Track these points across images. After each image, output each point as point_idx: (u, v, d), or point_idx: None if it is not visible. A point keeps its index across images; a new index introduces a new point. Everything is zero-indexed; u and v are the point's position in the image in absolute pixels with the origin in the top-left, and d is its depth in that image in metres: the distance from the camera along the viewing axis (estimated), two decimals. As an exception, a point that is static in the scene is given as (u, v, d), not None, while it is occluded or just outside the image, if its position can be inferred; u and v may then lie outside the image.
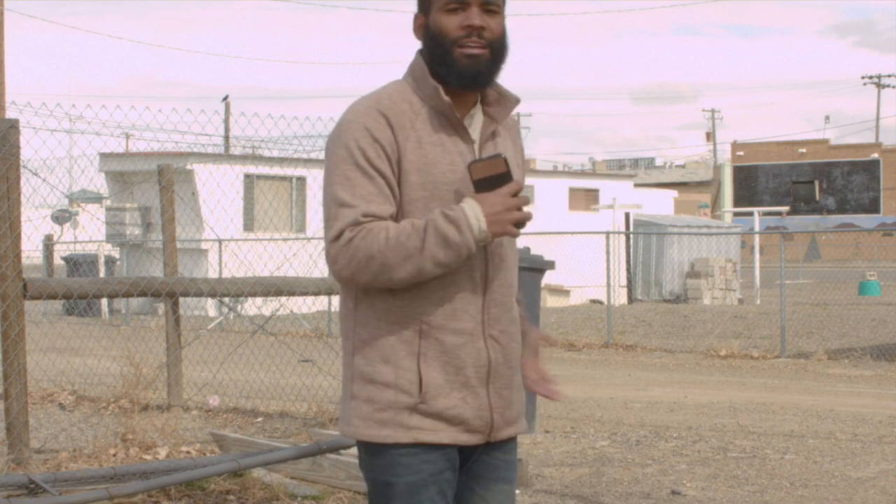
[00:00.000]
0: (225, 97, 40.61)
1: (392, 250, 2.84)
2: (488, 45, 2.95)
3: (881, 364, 15.06)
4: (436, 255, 2.84)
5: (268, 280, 9.20)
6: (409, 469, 2.94)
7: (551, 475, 7.75)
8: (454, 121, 2.98)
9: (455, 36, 2.93)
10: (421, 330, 2.93)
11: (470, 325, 2.95)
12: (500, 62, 2.98)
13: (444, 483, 2.98)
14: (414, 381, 2.92)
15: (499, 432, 3.02)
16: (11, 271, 7.27)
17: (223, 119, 34.45)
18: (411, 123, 2.96)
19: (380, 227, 2.87)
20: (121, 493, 6.00)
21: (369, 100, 2.99)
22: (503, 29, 2.99)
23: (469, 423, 2.96)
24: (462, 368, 2.95)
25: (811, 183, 40.76)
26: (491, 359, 2.98)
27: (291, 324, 18.73)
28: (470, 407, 2.96)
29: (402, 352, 2.94)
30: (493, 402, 2.99)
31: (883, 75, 73.74)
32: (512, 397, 3.04)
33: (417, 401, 2.92)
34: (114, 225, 24.58)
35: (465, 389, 2.95)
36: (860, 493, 7.34)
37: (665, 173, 69.24)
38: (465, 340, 2.95)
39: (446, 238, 2.84)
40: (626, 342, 17.78)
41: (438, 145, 2.96)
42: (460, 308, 2.95)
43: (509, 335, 3.02)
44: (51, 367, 12.75)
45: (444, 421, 2.94)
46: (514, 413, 3.05)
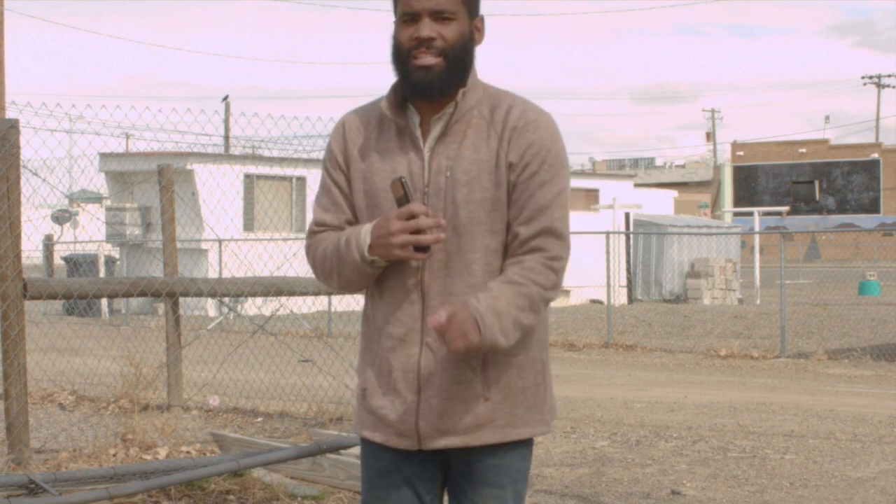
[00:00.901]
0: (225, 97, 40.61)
1: (322, 263, 3.06)
2: (441, 54, 2.95)
3: (881, 364, 15.06)
4: (339, 270, 3.02)
5: (268, 280, 9.20)
6: (372, 457, 3.10)
7: (551, 475, 7.75)
8: (403, 128, 3.02)
9: (408, 48, 2.97)
10: (375, 332, 3.08)
11: (401, 330, 2.99)
12: (457, 69, 2.97)
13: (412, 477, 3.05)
14: (364, 375, 3.10)
15: (430, 441, 2.99)
16: (11, 271, 7.28)
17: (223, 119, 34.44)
18: (367, 132, 3.06)
19: (323, 238, 3.07)
20: (121, 493, 6.01)
21: (351, 110, 3.15)
22: (460, 35, 2.97)
23: (394, 426, 3.01)
24: (390, 372, 3.02)
25: (811, 183, 40.78)
26: (421, 366, 2.98)
27: (291, 324, 18.73)
28: (396, 411, 3.01)
29: (366, 350, 3.12)
30: (420, 409, 2.99)
31: (883, 75, 73.76)
32: (449, 408, 2.98)
33: (361, 396, 3.09)
34: (114, 225, 24.57)
35: (392, 393, 3.02)
36: (860, 493, 7.34)
37: (665, 173, 69.23)
38: (394, 345, 3.00)
39: (341, 255, 3.00)
40: (626, 342, 17.78)
41: (387, 153, 3.02)
42: (393, 314, 3.01)
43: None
44: (51, 367, 12.75)
45: (379, 419, 3.04)
46: (449, 424, 2.99)
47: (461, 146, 2.99)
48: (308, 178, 24.30)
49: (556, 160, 3.00)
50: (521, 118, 3.00)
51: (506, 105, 3.03)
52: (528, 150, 2.98)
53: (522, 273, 2.93)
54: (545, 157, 2.99)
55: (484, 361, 2.99)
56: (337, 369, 11.02)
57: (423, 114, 3.01)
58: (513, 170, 2.98)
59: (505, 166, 2.98)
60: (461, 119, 3.00)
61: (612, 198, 29.77)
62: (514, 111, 3.01)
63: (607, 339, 17.90)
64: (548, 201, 2.97)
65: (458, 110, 3.00)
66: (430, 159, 2.99)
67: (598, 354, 16.71)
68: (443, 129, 3.00)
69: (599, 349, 17.29)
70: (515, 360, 3.03)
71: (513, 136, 2.99)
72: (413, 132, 3.00)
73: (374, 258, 2.93)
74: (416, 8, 2.95)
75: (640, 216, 30.19)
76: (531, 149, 2.98)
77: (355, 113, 3.12)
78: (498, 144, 2.99)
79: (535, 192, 2.96)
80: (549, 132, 3.02)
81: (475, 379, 2.99)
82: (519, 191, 2.97)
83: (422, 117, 3.02)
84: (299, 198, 25.74)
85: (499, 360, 3.01)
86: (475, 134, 3.00)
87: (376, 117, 3.06)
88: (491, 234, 2.98)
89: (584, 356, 16.48)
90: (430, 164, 2.99)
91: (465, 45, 2.99)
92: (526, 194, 2.97)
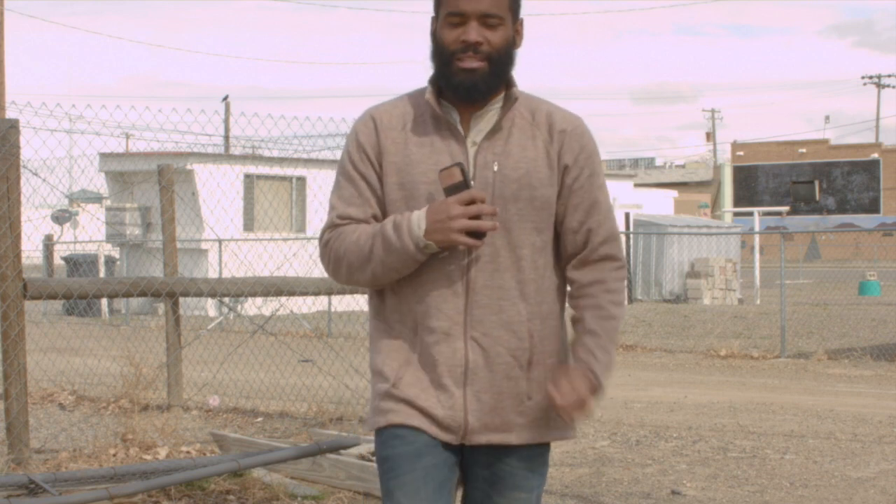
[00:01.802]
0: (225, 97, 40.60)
1: (353, 253, 2.98)
2: (486, 59, 2.96)
3: (881, 364, 15.06)
4: (383, 259, 2.95)
5: (268, 280, 9.19)
6: (399, 442, 3.00)
7: (551, 475, 7.75)
8: (446, 122, 3.01)
9: (453, 49, 2.97)
10: (409, 326, 3.01)
11: (445, 324, 2.97)
12: (500, 74, 2.99)
13: (432, 466, 2.98)
14: (394, 368, 3.02)
15: (475, 436, 2.99)
16: (11, 271, 7.27)
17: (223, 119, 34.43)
18: (403, 125, 3.03)
19: (350, 229, 3.00)
20: (121, 493, 6.01)
21: (374, 106, 3.11)
22: (505, 41, 2.98)
23: (441, 421, 2.98)
24: (434, 366, 2.98)
25: (811, 183, 40.75)
26: (469, 360, 2.97)
27: (291, 324, 18.73)
28: (442, 406, 2.97)
29: (391, 346, 3.03)
30: (468, 405, 2.97)
31: (883, 75, 73.77)
32: (498, 403, 2.98)
33: (390, 386, 3.01)
34: (114, 225, 24.57)
35: (438, 388, 2.98)
36: (860, 493, 7.34)
37: (665, 173, 69.23)
38: (437, 339, 2.97)
39: (389, 242, 2.93)
40: (626, 342, 17.77)
41: (427, 146, 3.00)
42: (435, 307, 2.97)
43: (494, 339, 2.98)
44: (51, 367, 12.74)
45: (415, 409, 2.98)
46: (498, 420, 2.99)
47: (507, 143, 3.01)
48: (308, 178, 24.28)
49: (601, 167, 3.11)
50: (565, 122, 3.06)
51: (545, 109, 3.07)
52: (580, 153, 3.04)
53: (611, 299, 3.03)
54: (596, 163, 3.08)
55: (531, 360, 3.01)
56: (337, 369, 11.02)
57: (461, 112, 3.03)
58: (568, 172, 3.03)
59: (559, 167, 3.02)
60: (506, 116, 3.02)
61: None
62: (557, 115, 3.06)
63: (607, 339, 17.87)
64: (608, 206, 3.08)
65: (501, 110, 3.01)
66: (476, 154, 3.00)
67: (598, 354, 16.68)
68: (493, 124, 3.01)
69: (599, 349, 17.26)
70: (552, 360, 3.05)
71: (564, 138, 3.03)
72: (455, 126, 3.00)
73: (429, 243, 2.90)
74: (464, 10, 2.95)
75: (640, 216, 30.19)
76: (584, 152, 3.04)
77: (382, 107, 3.09)
78: (547, 145, 3.02)
79: (598, 196, 3.05)
80: (593, 140, 3.10)
81: (522, 376, 3.00)
82: (579, 194, 3.03)
83: (460, 116, 3.03)
84: (299, 198, 25.74)
85: (541, 361, 3.03)
86: (520, 133, 3.02)
87: (409, 112, 3.05)
88: (537, 232, 3.01)
89: (584, 356, 16.46)
90: (476, 159, 2.99)
91: (509, 50, 3.00)
92: (589, 198, 3.03)
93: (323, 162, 18.74)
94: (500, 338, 2.98)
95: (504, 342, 2.98)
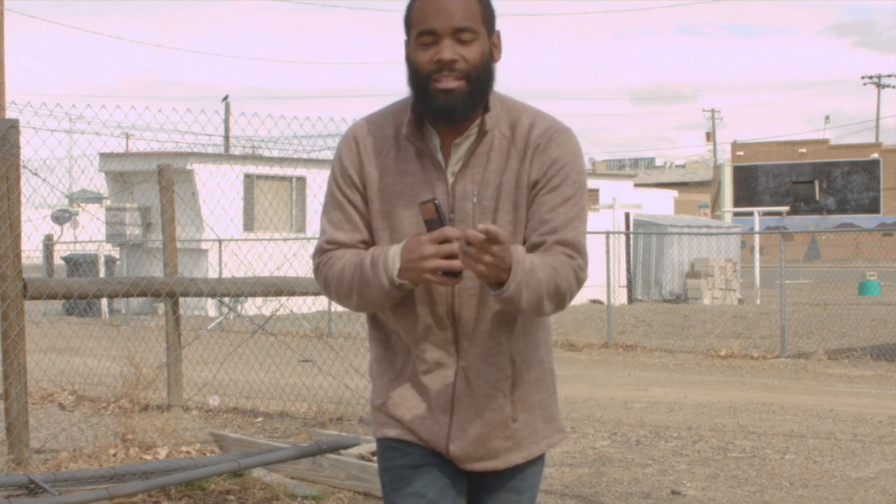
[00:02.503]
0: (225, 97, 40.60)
1: (338, 283, 2.94)
2: (464, 77, 2.84)
3: (881, 364, 15.06)
4: (361, 293, 2.90)
5: (268, 280, 9.19)
6: (397, 454, 3.01)
7: (551, 475, 7.75)
8: (424, 150, 2.92)
9: (427, 71, 2.84)
10: (403, 344, 2.99)
11: (436, 355, 2.94)
12: (480, 92, 2.87)
13: (431, 476, 2.98)
14: (385, 384, 3.02)
15: (459, 464, 2.98)
16: (11, 271, 7.27)
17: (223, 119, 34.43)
18: (385, 150, 2.95)
19: (338, 256, 2.95)
20: (121, 493, 6.01)
21: (361, 121, 3.01)
22: (481, 56, 2.86)
23: (424, 441, 2.98)
24: (423, 392, 2.97)
25: (811, 183, 40.77)
26: (456, 389, 2.95)
27: (291, 324, 18.73)
28: (427, 429, 2.97)
29: (385, 357, 3.03)
30: (452, 433, 2.96)
31: (883, 75, 73.76)
32: (482, 433, 2.95)
33: (381, 403, 3.03)
34: (114, 225, 24.57)
35: (424, 412, 2.97)
36: (860, 493, 7.34)
37: (665, 173, 69.23)
38: (429, 368, 2.95)
39: (367, 278, 2.87)
40: (626, 342, 17.78)
41: (409, 175, 2.92)
42: (423, 338, 2.94)
43: (478, 372, 2.94)
44: (51, 367, 12.74)
45: (405, 428, 2.99)
46: (482, 451, 2.97)
47: (486, 170, 2.91)
48: (308, 178, 24.28)
49: (578, 177, 2.95)
50: (543, 135, 2.92)
51: (527, 122, 2.94)
52: (551, 165, 2.91)
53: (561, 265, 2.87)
54: (568, 174, 2.93)
55: (514, 384, 2.97)
56: (337, 369, 11.02)
57: (443, 136, 2.92)
58: (535, 186, 2.91)
59: (527, 186, 2.91)
60: (483, 141, 2.91)
61: (612, 198, 29.77)
62: (537, 128, 2.93)
63: (607, 339, 17.90)
64: (573, 215, 2.92)
65: (479, 133, 2.91)
66: (453, 184, 2.91)
67: (598, 354, 16.70)
68: (466, 153, 2.91)
69: (599, 349, 17.29)
70: (534, 376, 3.01)
71: (535, 154, 2.91)
72: (434, 156, 2.91)
73: (403, 282, 2.83)
74: (435, 27, 2.83)
75: (640, 216, 30.18)
76: (555, 164, 2.91)
77: (367, 127, 2.99)
78: (519, 164, 2.91)
79: (559, 206, 2.90)
80: (571, 149, 2.95)
81: (506, 403, 2.97)
82: (539, 203, 2.90)
83: (441, 140, 2.92)
84: (299, 198, 25.74)
85: (523, 380, 2.99)
86: (498, 156, 2.91)
87: (392, 134, 2.95)
88: None
89: (584, 356, 16.48)
90: (455, 190, 2.90)
91: (486, 65, 2.88)
92: (546, 207, 2.89)
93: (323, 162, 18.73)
94: (483, 371, 2.94)
95: (487, 376, 2.95)
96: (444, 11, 2.84)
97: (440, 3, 2.84)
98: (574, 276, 2.90)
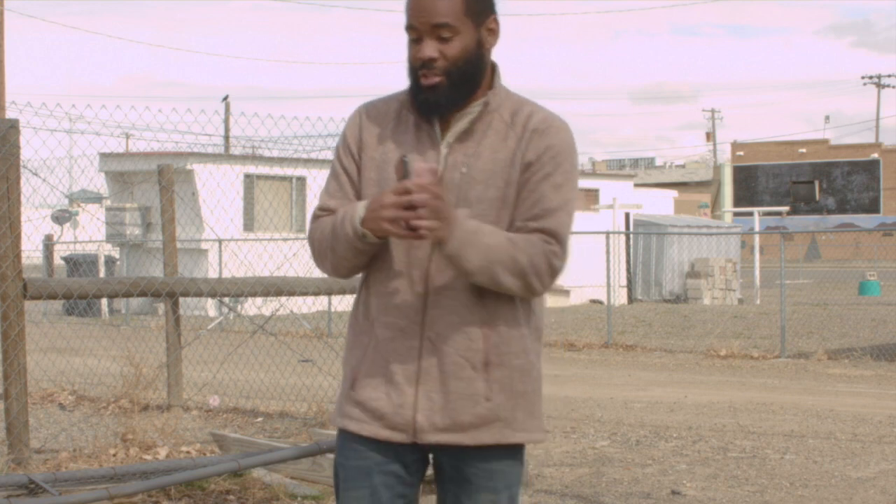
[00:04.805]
0: (225, 97, 40.65)
1: (320, 242, 3.03)
2: (444, 73, 2.93)
3: (881, 364, 15.07)
4: (333, 246, 2.99)
5: (268, 280, 9.19)
6: (353, 454, 3.04)
7: (551, 475, 7.75)
8: (422, 123, 3.01)
9: (415, 66, 2.96)
10: (370, 320, 3.03)
11: (401, 321, 2.97)
12: (463, 85, 2.95)
13: (394, 477, 3.00)
14: (352, 365, 3.05)
15: (425, 435, 2.96)
16: (11, 271, 7.27)
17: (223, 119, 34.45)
18: (387, 122, 3.05)
19: (325, 220, 3.03)
20: (121, 493, 6.01)
21: (368, 101, 3.12)
22: (463, 51, 2.94)
23: (388, 418, 2.97)
24: (388, 363, 2.98)
25: (811, 183, 40.80)
26: (422, 359, 2.96)
27: (291, 324, 18.73)
28: (391, 403, 2.97)
29: (355, 342, 3.07)
30: (419, 403, 2.96)
31: (883, 75, 73.81)
32: (448, 403, 2.95)
33: (349, 386, 3.04)
34: (114, 225, 24.57)
35: (388, 385, 2.98)
36: (860, 493, 7.34)
37: (665, 173, 69.25)
38: (393, 335, 2.97)
39: (336, 230, 2.97)
40: (626, 342, 17.78)
41: (402, 145, 3.00)
42: (393, 303, 2.98)
43: (446, 339, 2.95)
44: (51, 367, 12.75)
45: (367, 412, 2.99)
46: (448, 420, 2.95)
47: (480, 145, 2.98)
48: (308, 179, 24.28)
49: (570, 167, 3.00)
50: (543, 122, 2.99)
51: (527, 110, 3.01)
52: (546, 151, 2.96)
53: (525, 244, 2.90)
54: (561, 162, 2.97)
55: (486, 361, 2.97)
56: (337, 369, 11.00)
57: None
58: (528, 169, 2.96)
59: (520, 165, 2.96)
60: (482, 120, 2.99)
61: (612, 198, 29.77)
62: (536, 116, 3.00)
63: (607, 339, 17.90)
64: (557, 205, 2.95)
65: (484, 111, 2.99)
66: (447, 155, 2.98)
67: (598, 354, 16.71)
68: (466, 126, 2.99)
69: (599, 349, 17.29)
70: (519, 362, 3.01)
71: (533, 137, 2.97)
72: (431, 127, 3.00)
73: (366, 232, 2.89)
74: (414, 24, 2.93)
75: (640, 216, 30.19)
76: (549, 151, 2.96)
77: (373, 103, 3.10)
78: (516, 145, 2.97)
79: (547, 192, 2.95)
80: (568, 140, 3.01)
81: (477, 377, 2.96)
82: (529, 189, 2.95)
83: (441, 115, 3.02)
84: (299, 198, 25.74)
85: (503, 362, 2.99)
86: (494, 135, 2.99)
87: (395, 108, 3.05)
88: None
89: (584, 356, 16.48)
90: (447, 160, 2.97)
91: (470, 58, 2.95)
92: (537, 194, 2.94)
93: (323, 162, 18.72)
94: (451, 338, 2.95)
95: (455, 343, 2.95)
96: (423, 9, 2.93)
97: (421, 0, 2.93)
98: (545, 259, 2.92)
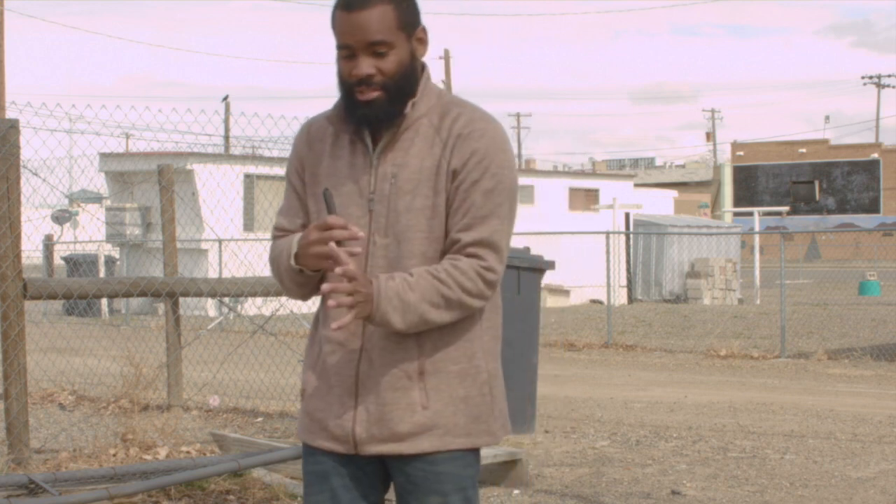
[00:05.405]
0: (225, 97, 40.66)
1: (275, 268, 3.10)
2: (381, 88, 2.93)
3: (881, 364, 15.07)
4: (280, 277, 3.08)
5: (268, 280, 9.19)
6: (310, 460, 3.12)
7: (551, 475, 7.75)
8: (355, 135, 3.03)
9: (349, 83, 2.96)
10: (319, 337, 3.10)
11: (341, 335, 3.00)
12: (400, 96, 2.96)
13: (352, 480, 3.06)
14: (305, 376, 3.14)
15: (365, 447, 2.99)
16: (11, 271, 7.27)
17: (223, 119, 34.44)
18: (325, 137, 3.09)
19: (279, 244, 3.10)
20: (121, 493, 6.01)
21: (315, 115, 3.18)
22: (399, 65, 2.94)
23: (330, 430, 3.03)
24: (328, 375, 3.04)
25: (811, 183, 40.79)
26: (360, 372, 2.99)
27: (291, 324, 18.73)
28: (333, 415, 3.02)
29: (308, 353, 3.15)
30: (357, 415, 2.99)
31: (883, 75, 73.83)
32: (385, 414, 2.97)
33: (302, 397, 3.13)
34: (114, 225, 24.57)
35: (330, 396, 3.03)
36: (860, 493, 7.34)
37: (665, 173, 69.27)
38: (333, 348, 3.03)
39: (279, 261, 3.05)
40: (626, 342, 17.78)
41: (338, 159, 3.05)
42: (332, 318, 3.01)
43: (382, 351, 2.97)
44: (51, 367, 12.75)
45: (315, 423, 3.07)
46: (386, 431, 2.97)
47: (408, 154, 2.98)
48: (308, 178, 24.32)
49: (499, 170, 2.97)
50: (466, 126, 2.97)
51: (454, 113, 3.00)
52: (471, 157, 2.95)
53: (452, 272, 2.92)
54: (488, 166, 2.96)
55: (421, 370, 2.98)
56: (337, 369, 11.01)
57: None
58: (455, 177, 2.95)
59: (446, 173, 2.96)
60: (410, 127, 2.99)
61: (612, 198, 29.77)
62: (462, 119, 2.98)
63: (607, 339, 17.90)
64: (488, 211, 2.95)
65: (407, 119, 2.99)
66: (377, 166, 2.99)
67: (598, 354, 16.71)
68: (391, 137, 2.99)
69: (599, 349, 17.29)
70: (457, 368, 3.00)
71: (457, 143, 2.96)
72: (364, 141, 3.02)
73: (301, 267, 2.97)
74: (349, 43, 2.92)
75: (640, 216, 30.19)
76: (474, 156, 2.95)
77: (318, 118, 3.13)
78: (441, 151, 2.97)
79: (476, 200, 2.94)
80: (494, 141, 2.99)
81: (413, 386, 2.98)
82: (460, 198, 2.95)
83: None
84: (299, 198, 25.72)
85: (438, 369, 2.99)
86: (422, 142, 2.98)
87: (335, 122, 3.08)
88: (429, 242, 2.96)
89: (584, 356, 16.48)
90: (378, 171, 2.99)
91: (406, 70, 2.96)
92: (467, 202, 2.94)
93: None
94: (387, 350, 2.97)
95: (390, 354, 2.98)
96: (357, 27, 2.92)
97: (353, 18, 2.92)
98: (476, 279, 2.94)
